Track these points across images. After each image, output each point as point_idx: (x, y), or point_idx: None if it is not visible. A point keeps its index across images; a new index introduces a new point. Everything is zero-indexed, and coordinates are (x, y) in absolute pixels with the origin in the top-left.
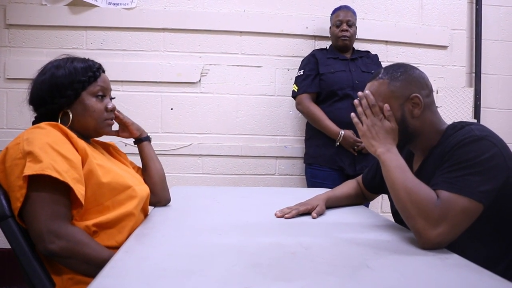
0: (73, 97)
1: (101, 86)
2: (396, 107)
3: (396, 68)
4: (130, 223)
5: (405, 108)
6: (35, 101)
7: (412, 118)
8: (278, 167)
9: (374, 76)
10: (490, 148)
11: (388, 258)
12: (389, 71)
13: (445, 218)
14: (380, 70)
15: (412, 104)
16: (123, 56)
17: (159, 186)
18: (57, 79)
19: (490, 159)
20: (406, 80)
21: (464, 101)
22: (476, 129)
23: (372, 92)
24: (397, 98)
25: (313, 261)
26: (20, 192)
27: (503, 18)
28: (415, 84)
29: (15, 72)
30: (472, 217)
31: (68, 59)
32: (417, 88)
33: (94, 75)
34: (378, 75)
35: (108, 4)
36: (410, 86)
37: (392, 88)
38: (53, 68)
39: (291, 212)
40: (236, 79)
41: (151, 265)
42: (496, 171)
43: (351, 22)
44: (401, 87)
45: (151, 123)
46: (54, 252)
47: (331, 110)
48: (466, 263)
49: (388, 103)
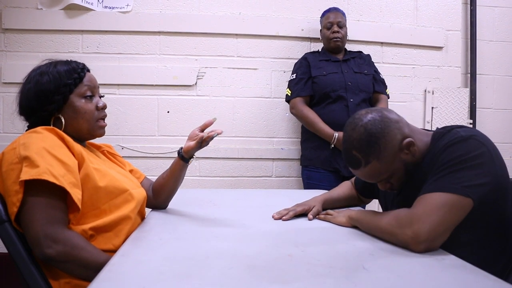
0: (62, 102)
1: (88, 85)
2: (397, 164)
3: (368, 141)
4: (127, 227)
5: (403, 157)
6: (25, 111)
7: (413, 156)
8: (275, 169)
9: (357, 165)
10: (477, 147)
11: (384, 260)
12: (363, 149)
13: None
14: (356, 156)
15: (406, 149)
16: (119, 60)
17: (165, 198)
18: (42, 85)
19: (477, 156)
20: (385, 143)
21: (460, 102)
22: (462, 130)
23: (371, 177)
24: (389, 163)
25: (310, 263)
26: (17, 197)
27: (497, 18)
28: (389, 134)
29: (11, 77)
30: (459, 212)
31: (51, 63)
32: (394, 133)
33: (79, 76)
34: (360, 164)
35: (104, 7)
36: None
37: (380, 159)
38: (37, 76)
39: (288, 214)
40: (232, 81)
41: (148, 269)
42: (483, 168)
43: (341, 24)
44: (385, 151)
45: (148, 126)
46: (51, 256)
47: (325, 112)
48: (462, 264)
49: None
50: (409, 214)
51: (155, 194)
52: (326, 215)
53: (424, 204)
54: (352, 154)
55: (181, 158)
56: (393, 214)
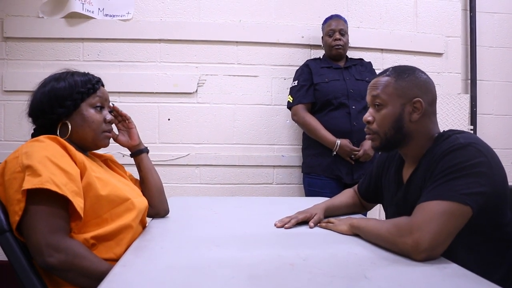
0: (72, 108)
1: (100, 97)
2: (397, 105)
3: (405, 69)
4: (128, 236)
5: (405, 109)
6: (34, 112)
7: (409, 121)
8: (276, 176)
9: (383, 72)
10: (476, 155)
11: (386, 269)
12: (398, 70)
13: (421, 226)
14: (389, 68)
15: (413, 108)
16: (119, 67)
17: (157, 198)
18: (57, 90)
19: (475, 165)
20: (412, 82)
21: (460, 108)
22: (462, 137)
23: (377, 85)
24: (399, 97)
25: (311, 272)
26: (19, 205)
27: (497, 25)
28: (420, 88)
29: (13, 85)
30: (457, 219)
31: (68, 72)
32: (421, 93)
33: (93, 87)
34: (386, 72)
35: (105, 16)
36: (415, 89)
37: (397, 87)
38: (54, 81)
39: (290, 222)
40: (232, 89)
41: (150, 279)
42: (481, 176)
43: (343, 31)
44: (406, 88)
45: (148, 134)
46: (52, 265)
47: (327, 119)
48: (464, 273)
49: (390, 100)
50: (409, 223)
51: (147, 197)
52: (328, 223)
53: (423, 213)
54: (388, 68)
55: (133, 155)
56: (394, 222)
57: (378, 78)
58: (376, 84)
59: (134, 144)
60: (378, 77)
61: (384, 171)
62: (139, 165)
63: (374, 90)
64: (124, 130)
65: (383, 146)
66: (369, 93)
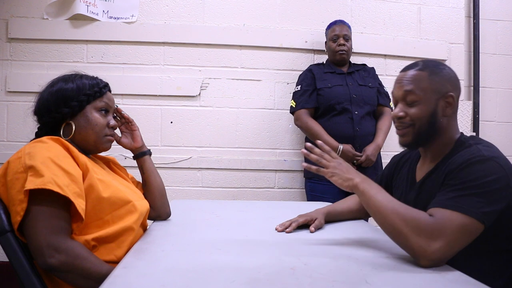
0: (77, 109)
1: (106, 102)
2: (431, 100)
3: (436, 64)
4: (130, 238)
5: (439, 103)
6: (40, 111)
7: (442, 116)
8: (278, 181)
9: (412, 66)
10: (496, 171)
11: (387, 274)
12: (429, 65)
13: (441, 234)
14: (418, 62)
15: (446, 103)
16: (123, 70)
17: (159, 201)
18: (64, 90)
19: (495, 181)
20: (445, 77)
21: (463, 114)
22: (484, 149)
23: (409, 80)
24: (434, 92)
25: (312, 276)
26: (21, 206)
27: (500, 32)
28: (452, 84)
29: (16, 85)
30: (471, 236)
31: (77, 75)
32: (453, 88)
33: (100, 91)
34: (417, 66)
35: (109, 18)
36: (448, 84)
37: (431, 81)
38: (62, 81)
39: (291, 225)
40: (235, 92)
41: (150, 281)
42: (500, 194)
43: (347, 36)
44: (440, 83)
45: (151, 137)
46: (53, 266)
47: (330, 124)
48: (466, 279)
49: (424, 95)
50: (431, 225)
51: (149, 200)
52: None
53: (445, 221)
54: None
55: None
56: (413, 215)
57: (407, 72)
58: (408, 79)
59: (137, 146)
60: (407, 71)
61: (397, 170)
62: (142, 167)
63: (407, 85)
64: (127, 132)
65: (414, 142)
66: (399, 88)
